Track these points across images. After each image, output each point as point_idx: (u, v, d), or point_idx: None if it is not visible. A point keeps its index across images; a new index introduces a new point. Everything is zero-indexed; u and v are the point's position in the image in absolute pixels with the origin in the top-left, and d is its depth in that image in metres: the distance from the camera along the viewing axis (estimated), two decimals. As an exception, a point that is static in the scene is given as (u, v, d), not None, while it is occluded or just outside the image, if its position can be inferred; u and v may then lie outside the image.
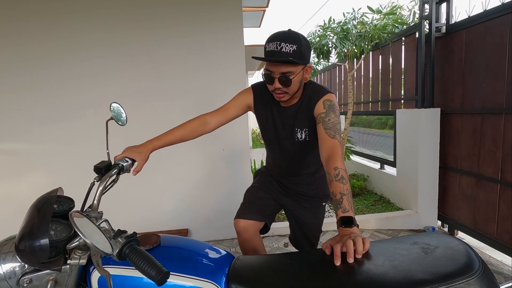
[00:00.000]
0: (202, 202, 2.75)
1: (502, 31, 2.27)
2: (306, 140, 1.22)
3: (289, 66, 1.08)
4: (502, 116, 2.31)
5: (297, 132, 1.21)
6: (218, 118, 1.23)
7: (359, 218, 3.04)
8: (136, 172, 1.04)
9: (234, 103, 1.27)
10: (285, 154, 1.29)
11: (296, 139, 1.22)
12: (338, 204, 0.89)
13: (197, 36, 2.59)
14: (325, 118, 1.10)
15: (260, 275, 0.82)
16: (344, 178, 0.94)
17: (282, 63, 1.07)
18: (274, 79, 1.10)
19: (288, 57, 1.04)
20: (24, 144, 2.52)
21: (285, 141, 1.26)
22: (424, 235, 0.87)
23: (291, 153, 1.27)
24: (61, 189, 0.86)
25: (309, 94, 1.20)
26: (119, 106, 1.07)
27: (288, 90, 1.12)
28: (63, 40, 2.46)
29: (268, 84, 1.14)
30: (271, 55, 1.07)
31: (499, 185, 2.35)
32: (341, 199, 0.89)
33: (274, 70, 1.08)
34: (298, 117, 1.21)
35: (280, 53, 1.05)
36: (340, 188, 0.91)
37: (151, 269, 0.62)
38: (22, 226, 0.71)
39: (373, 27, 3.47)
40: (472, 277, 0.66)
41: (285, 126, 1.23)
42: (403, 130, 3.21)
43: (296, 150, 1.26)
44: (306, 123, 1.20)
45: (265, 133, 1.31)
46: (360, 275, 0.73)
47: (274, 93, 1.15)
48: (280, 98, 1.15)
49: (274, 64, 1.08)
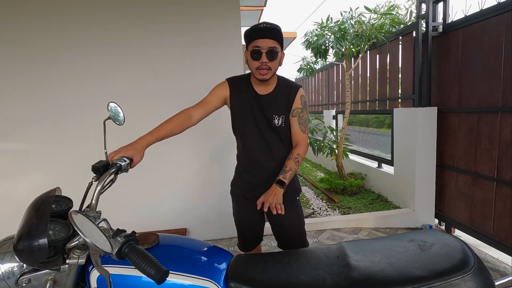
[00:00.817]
0: (200, 201, 2.75)
1: (498, 30, 2.29)
2: (282, 126, 1.32)
3: (275, 42, 1.24)
4: (498, 115, 2.33)
5: (275, 118, 1.31)
6: (200, 111, 1.32)
7: (357, 217, 3.06)
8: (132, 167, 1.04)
9: (212, 96, 1.36)
10: (260, 140, 1.35)
11: (273, 124, 1.32)
12: (283, 172, 1.25)
13: (195, 35, 2.59)
14: (301, 113, 1.33)
15: (258, 273, 0.82)
16: (299, 163, 1.30)
17: (270, 39, 1.22)
18: (262, 54, 1.22)
19: (276, 33, 1.24)
20: (21, 144, 2.51)
21: (262, 126, 1.33)
22: (420, 232, 0.88)
23: (266, 139, 1.34)
24: (59, 189, 0.86)
25: (284, 84, 1.35)
26: (116, 105, 1.07)
27: (272, 66, 1.24)
28: (59, 39, 2.45)
29: (254, 61, 1.24)
30: (263, 29, 1.23)
31: (495, 183, 2.37)
32: (288, 171, 1.26)
33: (263, 45, 1.22)
34: (277, 104, 1.32)
35: (269, 29, 1.23)
36: (292, 165, 1.27)
37: (150, 268, 0.63)
38: (21, 226, 0.71)
39: (370, 27, 3.48)
40: (467, 274, 0.67)
41: (263, 112, 1.32)
42: (401, 129, 3.23)
43: (271, 136, 1.34)
44: (284, 111, 1.32)
45: (241, 121, 1.36)
46: (358, 272, 0.74)
47: (258, 71, 1.24)
48: (264, 75, 1.24)
49: (263, 40, 1.22)
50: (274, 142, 1.35)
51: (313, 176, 5.22)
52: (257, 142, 1.36)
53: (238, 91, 1.36)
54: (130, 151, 1.03)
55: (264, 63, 1.23)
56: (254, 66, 1.25)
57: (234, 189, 1.52)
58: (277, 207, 1.14)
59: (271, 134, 1.34)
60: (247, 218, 1.48)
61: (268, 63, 1.23)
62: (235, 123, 1.39)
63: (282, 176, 1.23)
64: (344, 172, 4.20)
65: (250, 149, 1.37)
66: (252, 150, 1.37)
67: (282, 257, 0.90)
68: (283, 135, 1.35)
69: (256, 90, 1.34)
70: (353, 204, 3.62)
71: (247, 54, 1.27)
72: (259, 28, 1.23)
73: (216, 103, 1.36)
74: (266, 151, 1.36)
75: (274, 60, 1.25)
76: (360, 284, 0.71)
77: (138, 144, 1.07)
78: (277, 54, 1.24)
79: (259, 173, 1.37)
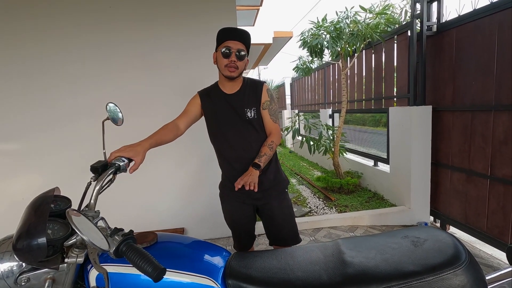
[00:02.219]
0: (197, 201, 2.76)
1: (491, 30, 2.32)
2: (255, 118, 1.43)
3: (244, 46, 1.37)
4: (491, 113, 2.36)
5: (247, 112, 1.41)
6: (183, 120, 1.44)
7: (353, 215, 3.08)
8: (133, 170, 1.04)
9: (190, 106, 1.48)
10: (238, 134, 1.43)
11: (247, 118, 1.42)
12: (259, 157, 1.34)
13: (191, 36, 2.59)
14: (270, 105, 1.45)
15: (256, 271, 0.84)
16: (273, 149, 1.40)
17: (240, 41, 1.36)
18: (232, 53, 1.35)
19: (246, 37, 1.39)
20: (19, 145, 2.50)
21: (238, 121, 1.42)
22: (414, 229, 0.90)
23: (243, 133, 1.43)
24: (58, 189, 0.87)
25: (250, 82, 1.47)
26: (115, 106, 1.08)
27: (239, 66, 1.37)
28: (55, 40, 2.44)
29: (224, 58, 1.35)
30: (234, 32, 1.38)
31: (489, 181, 2.41)
32: (263, 155, 1.35)
33: (233, 46, 1.35)
34: (246, 99, 1.43)
35: (240, 33, 1.39)
36: (266, 151, 1.37)
37: (147, 266, 0.64)
38: (20, 225, 0.71)
39: (365, 26, 3.51)
40: (459, 268, 0.69)
41: (236, 108, 1.42)
42: (396, 127, 3.26)
43: (248, 128, 1.43)
44: (253, 104, 1.43)
45: (216, 122, 1.45)
46: (353, 267, 0.75)
47: (227, 68, 1.36)
48: (231, 73, 1.36)
49: (233, 42, 1.35)
50: (252, 134, 1.44)
51: (310, 175, 5.25)
52: (236, 137, 1.43)
53: (208, 98, 1.48)
54: (130, 152, 1.04)
55: (233, 61, 1.35)
56: (224, 63, 1.36)
57: (224, 191, 1.57)
58: (251, 185, 1.21)
59: (247, 127, 1.43)
60: (240, 217, 1.53)
61: (237, 62, 1.35)
62: (212, 126, 1.48)
63: (258, 160, 1.33)
64: (341, 171, 4.23)
65: (231, 143, 1.44)
66: (233, 144, 1.44)
67: (279, 254, 0.91)
68: (259, 127, 1.45)
69: (224, 91, 1.45)
70: (349, 202, 3.64)
71: (217, 54, 1.39)
72: (231, 30, 1.39)
73: (195, 111, 1.48)
74: (246, 144, 1.44)
75: (242, 61, 1.38)
76: (356, 279, 0.73)
77: (139, 146, 1.09)
78: (245, 56, 1.38)
79: (244, 166, 1.41)
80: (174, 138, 1.37)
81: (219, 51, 1.37)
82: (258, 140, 1.44)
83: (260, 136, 1.45)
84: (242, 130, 1.43)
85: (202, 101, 1.48)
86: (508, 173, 2.24)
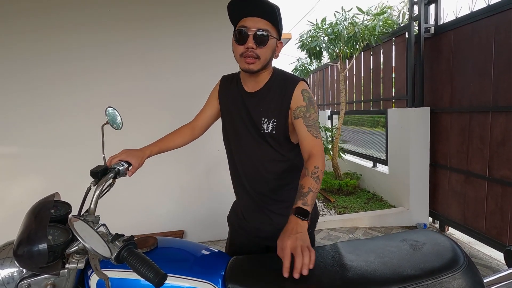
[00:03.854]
0: (197, 203, 2.76)
1: (488, 32, 2.34)
2: (273, 133, 1.02)
3: (268, 24, 0.95)
4: (489, 115, 2.37)
5: (264, 123, 1.03)
6: (200, 120, 1.21)
7: (352, 216, 3.09)
8: (131, 173, 1.04)
9: (207, 102, 1.21)
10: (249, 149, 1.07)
11: (262, 129, 1.03)
12: (302, 196, 0.86)
13: (190, 36, 2.60)
14: (306, 113, 0.99)
15: (256, 275, 0.84)
16: (319, 178, 0.91)
17: (260, 17, 0.94)
18: (248, 37, 0.94)
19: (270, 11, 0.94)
20: (16, 147, 2.49)
21: (249, 132, 1.06)
22: (412, 232, 0.90)
23: (255, 148, 1.06)
24: (58, 194, 0.87)
25: (279, 77, 1.05)
26: (114, 110, 1.08)
27: (260, 55, 0.96)
28: (54, 40, 2.44)
29: (238, 45, 0.97)
30: (251, 4, 0.94)
31: (487, 182, 2.42)
32: (307, 193, 0.86)
33: (250, 25, 0.94)
34: (266, 103, 1.03)
35: (260, 4, 0.93)
36: (311, 184, 0.88)
37: (149, 272, 0.64)
38: (20, 231, 0.71)
39: (363, 28, 3.52)
40: (457, 272, 0.70)
41: (251, 114, 1.05)
42: (395, 128, 3.27)
43: (260, 144, 1.05)
44: (275, 113, 1.02)
45: (230, 124, 1.12)
46: (352, 271, 0.76)
47: (242, 59, 0.97)
48: (249, 65, 0.97)
49: (251, 19, 0.94)
50: (267, 152, 1.05)
51: (309, 176, 5.24)
52: (247, 150, 1.07)
53: (226, 88, 1.14)
54: (130, 156, 1.02)
55: (250, 49, 0.94)
56: (238, 52, 0.98)
57: (231, 215, 1.25)
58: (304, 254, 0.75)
59: (259, 142, 1.05)
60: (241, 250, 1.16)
61: (256, 49, 0.95)
62: (225, 126, 1.15)
63: (302, 201, 0.85)
64: (340, 172, 4.24)
65: (241, 157, 1.10)
66: (243, 159, 1.09)
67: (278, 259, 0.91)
68: (276, 144, 1.04)
69: (244, 87, 1.08)
70: (348, 203, 3.65)
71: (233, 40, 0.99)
72: (247, 1, 0.94)
73: (212, 109, 1.19)
74: (257, 162, 1.07)
75: (264, 46, 0.95)
76: (355, 283, 0.74)
77: (140, 152, 1.06)
78: (267, 39, 0.95)
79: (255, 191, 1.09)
80: (184, 142, 1.18)
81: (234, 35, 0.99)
82: (275, 159, 1.06)
83: (278, 154, 1.05)
84: (253, 144, 1.06)
85: (220, 89, 1.16)
86: (506, 174, 2.25)
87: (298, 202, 0.85)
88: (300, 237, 0.78)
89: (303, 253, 0.75)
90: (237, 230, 1.19)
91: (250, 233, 1.13)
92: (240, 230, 1.17)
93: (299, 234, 0.78)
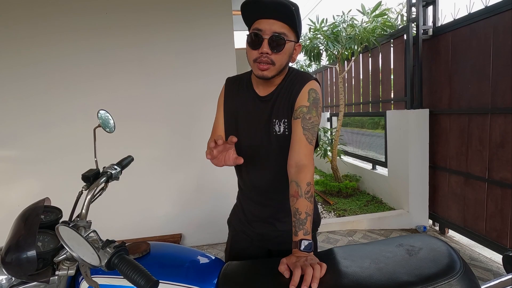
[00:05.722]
0: (195, 206, 2.74)
1: (486, 33, 2.33)
2: (285, 134, 0.96)
3: (285, 26, 0.88)
4: (488, 116, 2.36)
5: (275, 124, 0.96)
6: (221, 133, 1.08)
7: (352, 219, 3.07)
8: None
9: (218, 111, 1.09)
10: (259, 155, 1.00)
11: (274, 132, 0.97)
12: (301, 224, 0.81)
13: (188, 41, 2.60)
14: (307, 114, 0.92)
15: (250, 280, 0.83)
16: (312, 196, 0.85)
17: (277, 20, 0.87)
18: (263, 41, 0.88)
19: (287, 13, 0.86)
20: (12, 151, 2.49)
21: (261, 137, 0.99)
22: (409, 236, 0.89)
23: (266, 154, 1.00)
24: (48, 199, 0.86)
25: (292, 76, 0.99)
26: (106, 113, 1.07)
27: (276, 60, 0.90)
28: (51, 46, 2.44)
29: (252, 50, 0.91)
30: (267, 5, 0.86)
31: (487, 184, 2.41)
32: (305, 219, 0.81)
33: (266, 28, 0.87)
34: (276, 104, 0.97)
35: (277, 5, 0.86)
36: (307, 207, 0.82)
37: (140, 279, 0.63)
38: (9, 238, 0.70)
39: (362, 30, 3.52)
40: (453, 278, 0.68)
41: (261, 116, 0.99)
42: (394, 130, 3.26)
43: (273, 149, 0.98)
44: (285, 113, 0.96)
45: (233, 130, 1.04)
46: (347, 278, 0.75)
47: (256, 65, 0.91)
48: (263, 71, 0.91)
49: (266, 21, 0.87)
50: (280, 158, 0.97)
51: (308, 178, 5.23)
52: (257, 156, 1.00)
53: (232, 92, 1.06)
54: None
55: (265, 54, 0.88)
56: (252, 57, 0.92)
57: (232, 219, 1.18)
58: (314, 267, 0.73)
59: (271, 146, 0.98)
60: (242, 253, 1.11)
61: (271, 55, 0.89)
62: (228, 131, 1.06)
63: (302, 231, 0.80)
64: (339, 174, 4.23)
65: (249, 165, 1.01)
66: (251, 167, 1.02)
67: (273, 264, 0.90)
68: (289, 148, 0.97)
69: (256, 90, 1.01)
70: (348, 206, 3.63)
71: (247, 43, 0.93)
72: (262, 1, 0.86)
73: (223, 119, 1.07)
74: (267, 169, 1.01)
75: (280, 51, 0.89)
76: (350, 289, 0.72)
77: None
78: (284, 43, 0.88)
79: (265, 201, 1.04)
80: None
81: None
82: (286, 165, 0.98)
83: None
84: (264, 149, 0.99)
85: (226, 93, 1.07)
86: (505, 176, 2.24)
87: (299, 234, 0.80)
88: (309, 258, 0.77)
89: (313, 267, 0.73)
90: (239, 234, 1.13)
91: (253, 238, 1.10)
92: (243, 234, 1.12)
93: (308, 270, 0.73)
